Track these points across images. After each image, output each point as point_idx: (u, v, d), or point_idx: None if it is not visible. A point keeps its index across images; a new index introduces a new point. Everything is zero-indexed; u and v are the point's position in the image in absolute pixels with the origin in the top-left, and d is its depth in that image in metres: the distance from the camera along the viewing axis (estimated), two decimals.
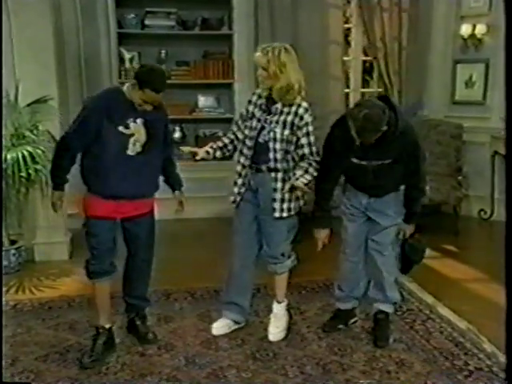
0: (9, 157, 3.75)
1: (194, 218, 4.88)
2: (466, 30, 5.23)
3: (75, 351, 2.87)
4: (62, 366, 2.77)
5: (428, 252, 3.13)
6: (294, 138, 2.80)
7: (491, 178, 5.18)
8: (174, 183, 3.07)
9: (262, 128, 2.83)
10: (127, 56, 5.21)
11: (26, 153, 3.77)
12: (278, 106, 2.81)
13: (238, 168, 2.96)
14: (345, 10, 5.53)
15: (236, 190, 2.97)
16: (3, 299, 3.41)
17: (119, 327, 3.13)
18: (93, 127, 2.64)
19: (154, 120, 2.76)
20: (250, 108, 2.92)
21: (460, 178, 5.10)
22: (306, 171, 2.79)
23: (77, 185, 2.86)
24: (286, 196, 2.83)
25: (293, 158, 2.85)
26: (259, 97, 2.90)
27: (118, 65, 5.10)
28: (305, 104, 2.80)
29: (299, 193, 2.84)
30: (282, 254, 2.97)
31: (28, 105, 3.96)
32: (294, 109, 2.78)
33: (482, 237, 5.13)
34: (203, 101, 5.42)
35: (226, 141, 3.02)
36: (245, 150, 2.91)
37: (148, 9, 5.13)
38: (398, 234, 2.96)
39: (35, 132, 3.94)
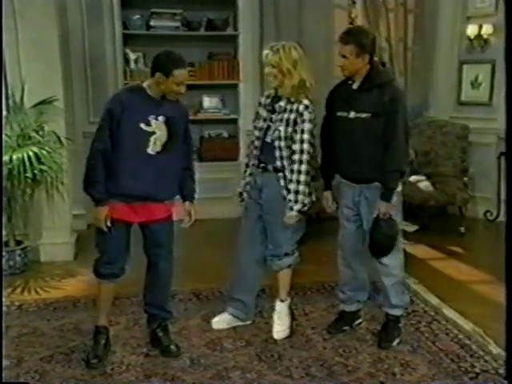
0: (14, 157, 3.75)
1: (200, 218, 4.86)
2: (472, 30, 5.21)
3: (80, 351, 2.87)
4: (67, 367, 2.77)
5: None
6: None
7: (497, 179, 5.16)
8: (187, 195, 2.88)
9: (268, 127, 2.87)
10: (132, 57, 5.22)
11: (31, 153, 3.78)
12: (282, 103, 2.84)
13: (245, 167, 3.09)
14: (350, 10, 5.53)
15: (241, 188, 3.08)
16: (3, 299, 3.41)
17: (124, 328, 3.13)
18: (114, 123, 2.53)
19: (175, 118, 2.66)
20: (259, 110, 2.98)
21: (466, 179, 5.08)
22: (297, 191, 2.81)
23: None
24: (300, 188, 2.81)
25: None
26: (267, 98, 2.96)
27: (123, 66, 5.11)
28: (306, 102, 2.81)
29: (306, 189, 2.83)
30: (286, 254, 2.98)
31: (33, 106, 3.98)
32: (295, 106, 2.81)
33: (487, 238, 5.10)
34: (208, 102, 5.41)
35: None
36: (254, 151, 2.96)
37: (153, 10, 5.14)
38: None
39: (41, 133, 3.96)
